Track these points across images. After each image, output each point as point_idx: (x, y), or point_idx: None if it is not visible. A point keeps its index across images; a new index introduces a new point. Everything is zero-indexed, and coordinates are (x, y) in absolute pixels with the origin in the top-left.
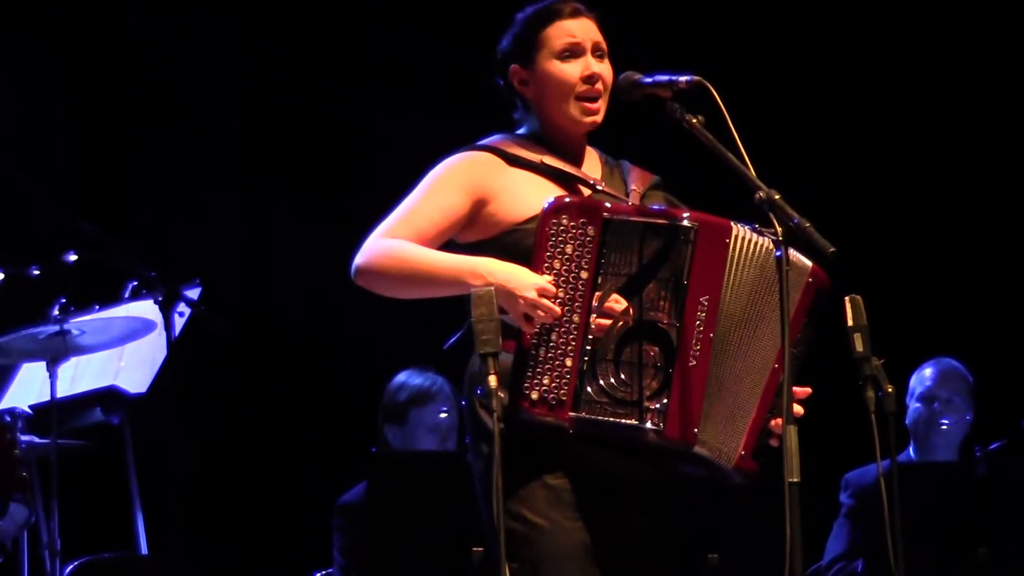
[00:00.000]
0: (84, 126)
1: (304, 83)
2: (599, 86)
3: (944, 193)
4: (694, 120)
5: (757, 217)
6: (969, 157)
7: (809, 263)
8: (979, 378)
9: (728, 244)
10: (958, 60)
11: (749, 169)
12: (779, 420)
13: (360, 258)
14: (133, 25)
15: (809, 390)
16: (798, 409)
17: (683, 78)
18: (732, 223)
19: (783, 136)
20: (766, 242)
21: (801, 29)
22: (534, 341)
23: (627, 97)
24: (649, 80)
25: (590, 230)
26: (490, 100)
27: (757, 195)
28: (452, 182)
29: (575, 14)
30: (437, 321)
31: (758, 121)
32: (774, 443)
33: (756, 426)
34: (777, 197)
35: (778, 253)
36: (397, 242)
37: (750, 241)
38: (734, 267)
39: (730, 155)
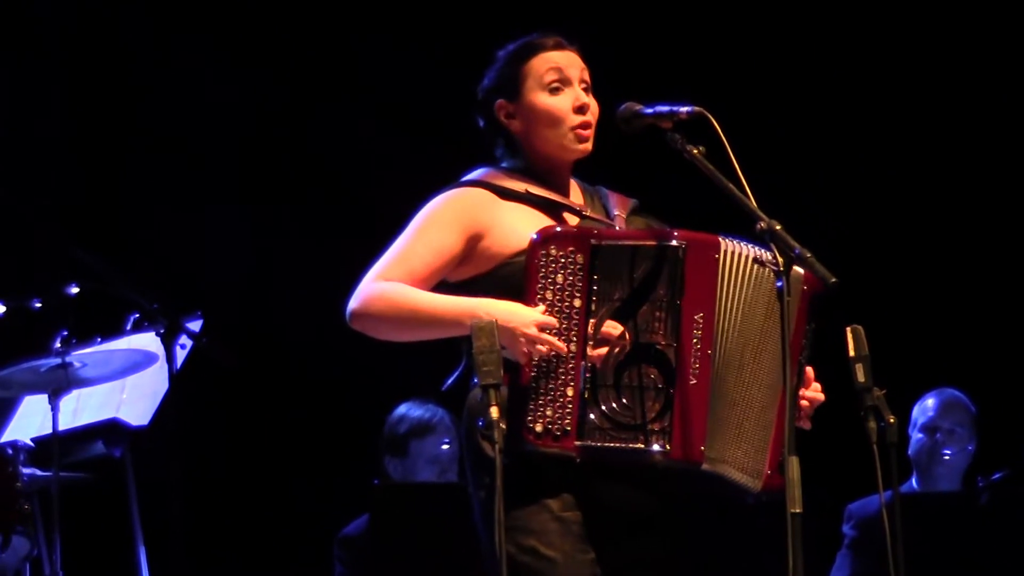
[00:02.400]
0: (85, 157)
1: (307, 114)
2: (589, 116)
3: (946, 224)
4: (695, 151)
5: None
6: (970, 188)
7: (801, 270)
8: (981, 408)
9: (718, 259)
10: (959, 95)
11: (750, 199)
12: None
13: (355, 302)
14: (134, 54)
15: (822, 397)
16: (815, 396)
17: (684, 109)
18: (720, 238)
19: (784, 166)
20: (755, 252)
21: (802, 58)
22: (534, 373)
23: (628, 127)
24: (650, 111)
25: (579, 257)
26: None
27: (758, 225)
28: (444, 220)
29: (558, 47)
30: (438, 354)
31: (759, 150)
32: (801, 423)
33: (779, 442)
34: (778, 227)
35: (779, 284)
36: (392, 285)
37: (739, 254)
38: (726, 282)
39: (731, 185)
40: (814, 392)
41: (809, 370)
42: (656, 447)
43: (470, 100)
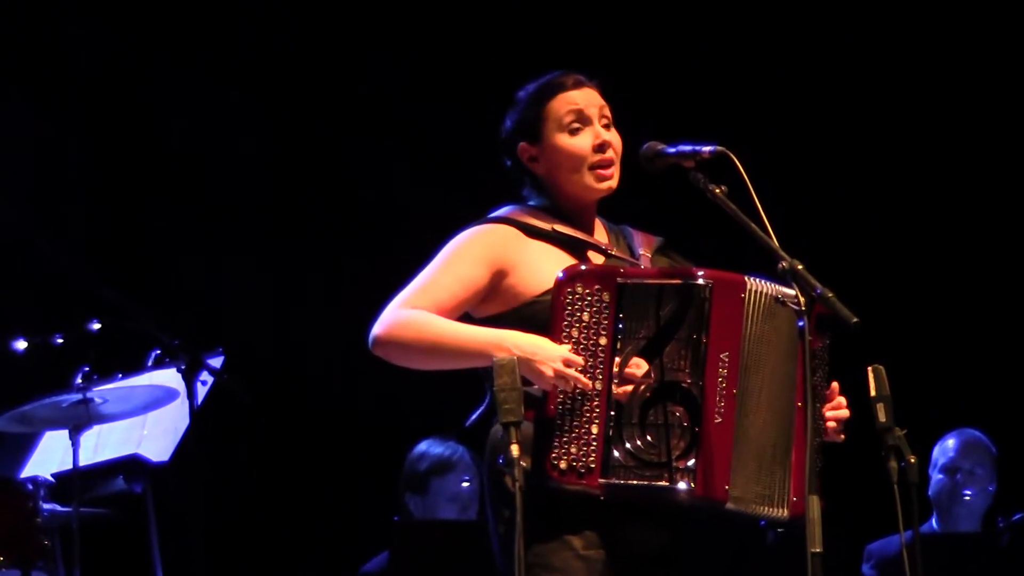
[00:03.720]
0: (107, 193)
1: (328, 150)
2: (610, 154)
3: (968, 266)
4: (717, 190)
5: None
6: (991, 228)
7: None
8: (1002, 449)
9: (743, 299)
10: (976, 124)
11: (772, 239)
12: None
13: (378, 328)
14: (155, 90)
15: (847, 413)
16: (840, 414)
17: (706, 148)
18: (746, 277)
19: (806, 206)
20: (772, 288)
21: (826, 97)
22: (559, 411)
23: (650, 167)
24: (672, 150)
25: (605, 296)
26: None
27: (780, 264)
28: (472, 254)
29: (577, 85)
30: (459, 390)
31: (782, 190)
32: (833, 437)
33: (800, 466)
34: (800, 267)
35: (800, 324)
36: (417, 312)
37: (762, 292)
38: (750, 320)
39: (753, 225)
40: (837, 409)
41: (834, 385)
42: (682, 485)
43: (494, 137)
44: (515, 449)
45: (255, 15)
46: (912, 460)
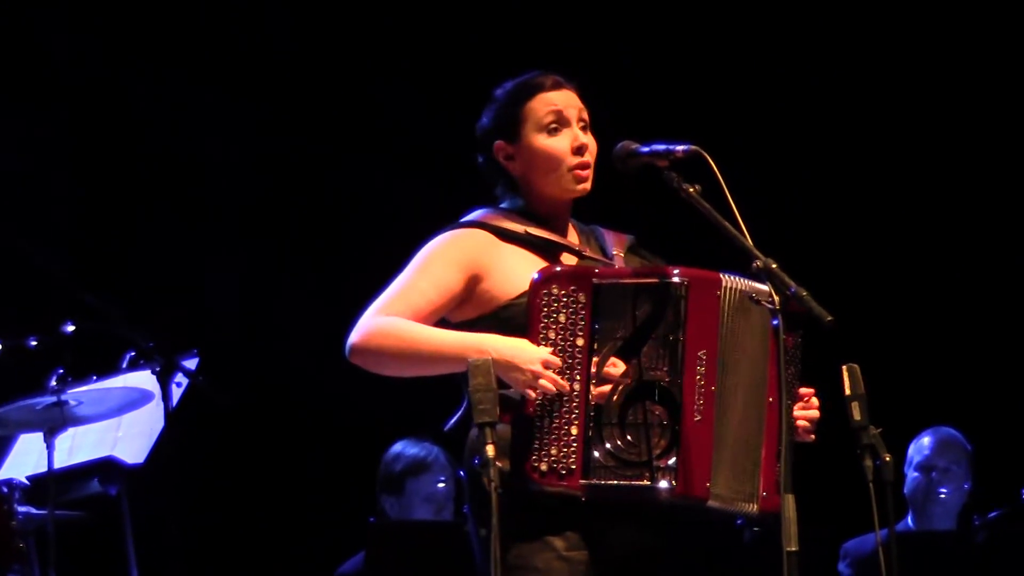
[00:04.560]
0: (84, 195)
1: (305, 153)
2: (587, 157)
3: (942, 262)
4: (691, 189)
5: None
6: (965, 225)
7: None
8: (977, 447)
9: (719, 296)
10: (961, 125)
11: (746, 238)
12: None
13: (355, 336)
14: (136, 92)
15: (817, 413)
16: (810, 414)
17: (680, 147)
18: (721, 275)
19: (780, 203)
20: (745, 285)
21: (798, 94)
22: (537, 412)
23: (623, 166)
24: (646, 149)
25: (581, 297)
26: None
27: (754, 264)
28: (446, 259)
29: (556, 86)
30: (436, 391)
31: (756, 189)
32: (803, 437)
33: (770, 463)
34: (774, 266)
35: (775, 322)
36: (393, 319)
37: (736, 290)
38: (726, 317)
39: (727, 224)
40: (806, 409)
41: (809, 389)
42: (663, 484)
43: (468, 139)
44: (490, 450)
45: (240, 20)
46: (887, 458)
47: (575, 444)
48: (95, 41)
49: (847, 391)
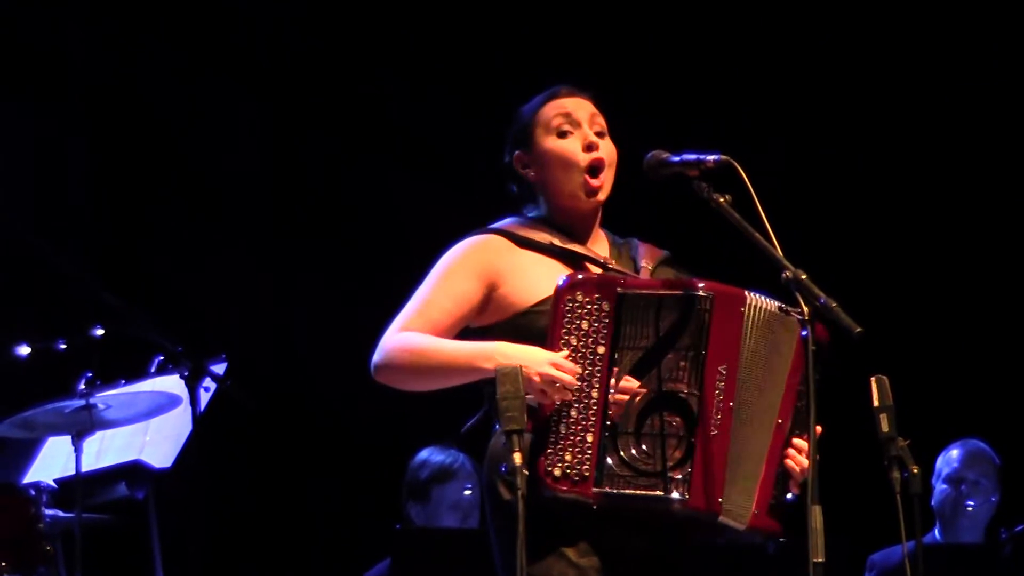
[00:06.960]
0: (111, 200)
1: (332, 156)
2: (600, 154)
3: (973, 275)
4: (721, 199)
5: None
6: (993, 238)
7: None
8: (1006, 459)
9: (743, 312)
10: (995, 139)
11: (776, 248)
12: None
13: (378, 356)
14: (159, 98)
15: (806, 463)
16: (803, 462)
17: (711, 157)
18: (746, 291)
19: (811, 215)
20: (769, 304)
21: (831, 106)
22: (554, 418)
23: (655, 176)
24: (677, 159)
25: (605, 305)
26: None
27: (784, 274)
28: (463, 268)
29: (569, 94)
30: (462, 399)
31: (786, 200)
32: (794, 491)
33: (767, 483)
34: (804, 277)
35: (804, 333)
36: (411, 335)
37: (760, 308)
38: (748, 335)
39: (757, 235)
40: (798, 457)
41: (818, 429)
42: (676, 495)
43: (497, 149)
44: (518, 457)
45: (256, 20)
46: (915, 470)
47: (590, 451)
48: (114, 40)
49: (875, 402)
